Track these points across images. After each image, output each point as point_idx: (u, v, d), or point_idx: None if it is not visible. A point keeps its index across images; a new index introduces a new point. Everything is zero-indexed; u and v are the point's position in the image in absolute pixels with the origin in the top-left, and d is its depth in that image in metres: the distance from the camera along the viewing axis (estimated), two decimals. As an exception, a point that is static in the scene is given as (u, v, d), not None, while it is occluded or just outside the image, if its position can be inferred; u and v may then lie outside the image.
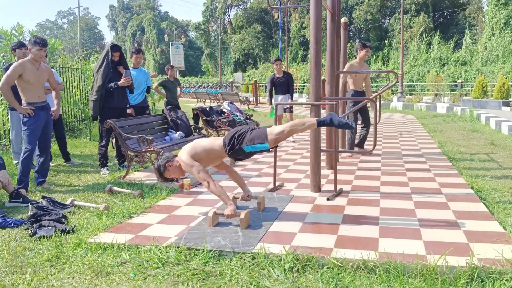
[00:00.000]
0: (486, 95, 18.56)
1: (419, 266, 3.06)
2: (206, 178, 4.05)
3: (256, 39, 47.33)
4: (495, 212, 4.32)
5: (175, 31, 52.76)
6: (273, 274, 3.14)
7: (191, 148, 4.17)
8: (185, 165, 4.12)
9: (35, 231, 3.77)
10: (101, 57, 6.06)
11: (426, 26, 36.32)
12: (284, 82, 9.50)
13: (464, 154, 7.77)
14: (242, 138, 4.04)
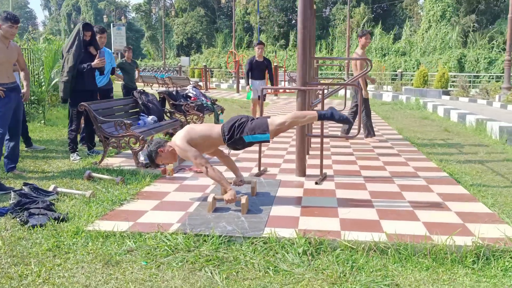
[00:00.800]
0: (427, 84, 19.47)
1: (429, 246, 3.19)
2: (204, 164, 3.97)
3: (199, 23, 46.62)
4: (474, 194, 4.57)
5: (114, 12, 50.84)
6: (288, 258, 3.15)
7: (186, 133, 4.06)
8: (180, 151, 4.01)
9: (26, 219, 3.54)
10: (71, 36, 5.72)
11: (366, 17, 37.38)
12: (262, 67, 9.30)
13: (423, 140, 8.13)
14: (242, 128, 3.97)
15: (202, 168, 3.98)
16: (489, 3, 36.06)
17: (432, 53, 27.10)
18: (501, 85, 16.10)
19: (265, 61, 9.34)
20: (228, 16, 49.89)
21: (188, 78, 21.10)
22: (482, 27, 31.02)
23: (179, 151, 4.03)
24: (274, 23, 42.00)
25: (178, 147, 4.02)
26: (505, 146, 7.47)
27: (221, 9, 50.86)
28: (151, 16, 50.65)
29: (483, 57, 23.96)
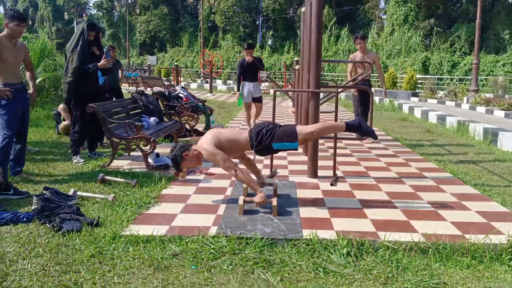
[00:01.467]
0: (396, 86, 20.01)
1: (467, 245, 3.32)
2: (233, 167, 3.97)
3: (163, 21, 46.03)
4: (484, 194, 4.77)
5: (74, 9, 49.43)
6: (334, 259, 3.21)
7: (213, 136, 4.04)
8: (208, 154, 3.98)
9: (59, 225, 3.44)
10: (75, 36, 5.56)
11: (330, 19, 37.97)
12: (254, 69, 8.94)
13: (410, 140, 8.38)
14: (271, 134, 3.98)
15: (231, 171, 3.97)
16: (446, 8, 37.40)
17: (397, 55, 27.84)
18: (469, 88, 16.76)
19: (256, 61, 8.90)
20: (192, 15, 49.51)
21: (160, 78, 20.78)
22: (440, 31, 32.09)
23: (206, 155, 4.01)
24: (239, 23, 42.02)
25: (206, 150, 3.99)
26: (490, 147, 7.80)
27: (185, 7, 50.42)
28: (113, 14, 49.58)
29: (447, 60, 24.83)
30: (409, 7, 30.60)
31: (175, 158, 4.11)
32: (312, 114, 5.07)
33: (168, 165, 5.30)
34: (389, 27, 31.34)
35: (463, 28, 29.83)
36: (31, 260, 3.01)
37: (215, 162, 4.04)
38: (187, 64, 36.77)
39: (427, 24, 32.13)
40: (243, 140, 4.07)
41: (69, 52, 5.49)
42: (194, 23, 46.19)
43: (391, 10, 31.55)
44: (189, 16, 48.97)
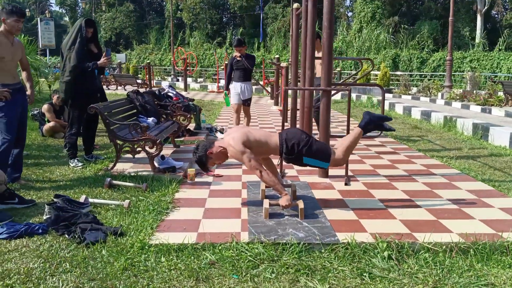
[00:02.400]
0: (367, 81, 20.18)
1: (506, 244, 3.28)
2: (258, 167, 3.81)
3: (128, 18, 45.04)
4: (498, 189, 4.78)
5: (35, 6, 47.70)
6: (376, 263, 3.10)
7: (242, 134, 3.85)
8: (235, 151, 3.80)
9: (82, 236, 3.20)
10: (71, 33, 5.24)
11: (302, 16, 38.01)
12: (245, 67, 7.75)
13: (401, 137, 8.42)
14: (304, 146, 3.83)
15: (256, 172, 3.81)
16: (409, 5, 38.17)
17: (367, 52, 28.19)
18: (443, 83, 17.10)
19: (245, 59, 7.78)
20: (158, 12, 48.66)
21: (134, 76, 20.27)
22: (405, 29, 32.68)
23: (232, 152, 3.82)
24: (207, 20, 41.59)
25: (233, 147, 3.80)
26: (481, 142, 7.92)
27: (151, 4, 49.53)
28: (76, 11, 48.12)
29: (416, 57, 25.33)
30: (376, 4, 31.07)
31: (200, 159, 3.93)
32: (324, 113, 4.96)
33: (175, 167, 5.08)
34: (357, 24, 31.72)
35: (426, 25, 30.51)
36: (61, 277, 2.76)
37: (240, 160, 3.86)
38: (155, 62, 36.11)
39: (392, 21, 32.66)
40: (272, 144, 3.91)
41: (66, 50, 5.17)
42: (160, 20, 45.40)
43: (358, 7, 31.93)
44: (155, 13, 48.13)
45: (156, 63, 35.93)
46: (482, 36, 26.97)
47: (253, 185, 4.79)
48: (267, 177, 3.82)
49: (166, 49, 39.02)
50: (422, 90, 17.86)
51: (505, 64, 22.34)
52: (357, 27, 31.57)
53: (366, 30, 29.54)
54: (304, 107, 6.11)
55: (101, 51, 5.57)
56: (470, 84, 16.55)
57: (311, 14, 5.75)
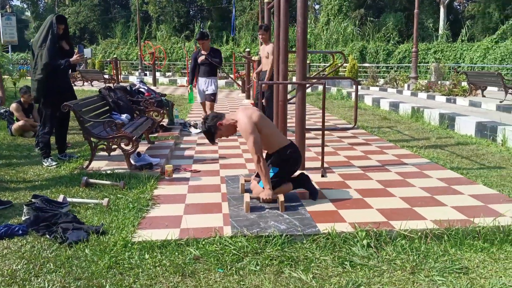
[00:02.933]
0: (338, 75, 20.45)
1: (478, 229, 3.44)
2: (258, 153, 3.83)
3: (93, 12, 44.09)
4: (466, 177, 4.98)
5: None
6: (356, 251, 3.21)
7: (258, 117, 3.90)
8: (245, 128, 3.82)
9: (64, 236, 3.18)
10: (42, 30, 5.12)
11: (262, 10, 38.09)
12: (210, 61, 7.55)
13: (372, 128, 8.60)
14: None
15: (255, 156, 3.82)
16: (375, -2, 38.78)
17: (335, 45, 28.50)
18: (409, 75, 17.49)
19: (209, 55, 7.50)
20: (123, 6, 47.79)
21: (101, 72, 19.90)
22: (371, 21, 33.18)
23: (242, 127, 3.84)
24: (174, 13, 41.12)
25: (244, 124, 3.82)
26: (448, 131, 8.18)
27: (116, -3, 48.57)
28: (38, 5, 46.78)
29: (382, 49, 25.79)
30: (342, -3, 31.42)
31: (209, 129, 3.94)
32: (300, 107, 5.03)
33: (152, 164, 5.07)
34: (324, 17, 32.02)
35: (391, 17, 31.08)
36: (46, 277, 2.75)
37: (245, 138, 3.85)
38: (122, 56, 35.52)
39: (358, 14, 33.11)
40: (275, 144, 4.02)
41: (37, 48, 5.06)
42: (126, 14, 44.62)
43: (325, 0, 32.21)
44: (120, 7, 47.26)
45: (123, 58, 35.37)
46: (445, 28, 27.66)
47: (232, 179, 4.83)
48: (263, 165, 3.84)
49: (132, 43, 38.42)
50: (389, 81, 18.23)
51: (467, 55, 23.01)
52: (325, 20, 31.88)
53: (333, 23, 29.87)
54: (279, 101, 6.17)
55: (73, 48, 5.48)
56: (435, 75, 16.99)
57: (283, 9, 5.81)
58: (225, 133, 4.00)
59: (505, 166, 5.54)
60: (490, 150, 6.53)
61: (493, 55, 21.52)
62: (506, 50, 20.98)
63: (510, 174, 5.17)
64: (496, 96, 12.73)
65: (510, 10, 27.78)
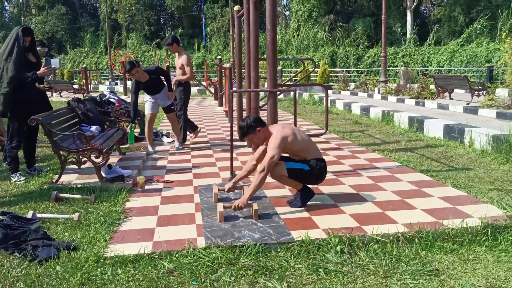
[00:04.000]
0: (309, 80, 20.67)
1: (447, 230, 3.51)
2: (269, 170, 3.88)
3: (60, 21, 43.39)
4: (436, 179, 5.08)
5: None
6: (329, 258, 3.23)
7: (292, 138, 3.98)
8: (273, 144, 3.87)
9: (33, 253, 3.10)
10: (8, 42, 5.00)
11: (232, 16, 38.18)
12: (154, 81, 6.62)
13: (344, 132, 8.71)
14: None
15: (265, 170, 3.84)
16: (343, 3, 39.36)
17: (306, 50, 28.78)
18: (379, 79, 17.79)
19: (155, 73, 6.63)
20: (91, 14, 47.21)
21: (70, 82, 19.57)
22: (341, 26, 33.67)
23: (272, 142, 3.89)
24: (144, 21, 40.83)
25: (275, 139, 3.89)
26: (418, 134, 8.34)
27: (83, 6, 47.97)
28: (3, 15, 45.83)
29: (352, 54, 26.18)
30: (312, 3, 31.75)
31: (246, 126, 3.98)
32: (271, 113, 5.07)
33: (123, 176, 5.01)
34: (295, 23, 32.31)
35: (360, 23, 31.60)
36: (15, 297, 2.68)
37: (269, 150, 3.89)
38: (91, 65, 35.04)
39: (328, 20, 33.55)
40: (312, 154, 4.12)
41: (2, 61, 4.94)
42: (95, 23, 44.09)
43: (295, 6, 32.52)
44: (89, 15, 46.69)
45: (92, 67, 34.88)
46: (412, 32, 28.26)
47: (205, 189, 4.82)
48: (262, 179, 3.86)
49: (102, 52, 37.97)
50: (360, 85, 18.50)
51: (435, 58, 23.56)
52: (295, 26, 32.17)
53: (304, 29, 30.17)
54: (251, 108, 6.20)
55: (40, 60, 5.38)
56: (404, 78, 17.33)
57: (253, 17, 5.85)
58: (256, 140, 4.05)
59: (473, 168, 5.69)
60: (458, 152, 6.69)
61: (459, 58, 22.09)
62: (471, 53, 21.57)
63: (478, 175, 5.31)
64: (463, 98, 13.07)
65: (474, 14, 28.58)
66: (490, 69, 16.64)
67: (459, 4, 28.76)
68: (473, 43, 22.50)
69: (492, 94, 11.51)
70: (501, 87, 14.63)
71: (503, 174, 5.33)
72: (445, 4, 32.45)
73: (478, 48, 21.50)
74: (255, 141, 4.10)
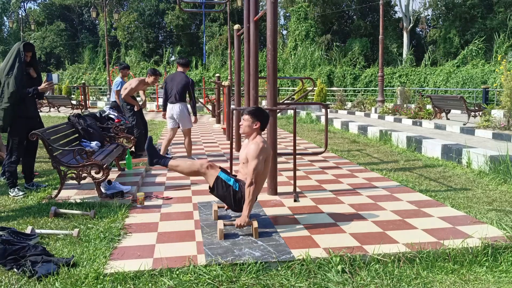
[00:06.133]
0: (307, 99, 20.79)
1: (449, 250, 3.51)
2: (256, 181, 3.88)
3: (59, 37, 43.65)
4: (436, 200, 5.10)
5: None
6: (330, 277, 3.22)
7: (268, 157, 4.04)
8: (259, 150, 3.90)
9: (33, 269, 3.08)
10: (9, 57, 5.03)
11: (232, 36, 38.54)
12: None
13: (342, 151, 8.74)
14: None
15: (250, 178, 3.84)
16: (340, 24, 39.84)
17: (303, 69, 29.02)
18: (376, 98, 17.91)
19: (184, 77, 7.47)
20: (90, 31, 47.53)
21: (69, 98, 19.60)
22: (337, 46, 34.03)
23: (259, 148, 3.91)
24: (142, 39, 41.13)
25: (262, 147, 3.93)
26: (416, 154, 8.38)
27: (83, 23, 48.31)
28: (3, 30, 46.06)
29: (349, 73, 26.39)
30: (309, 23, 32.15)
31: (258, 111, 4.12)
32: (271, 132, 5.08)
33: (123, 192, 4.99)
34: (292, 42, 32.64)
35: (356, 42, 31.97)
36: (14, 314, 2.65)
37: (252, 158, 3.87)
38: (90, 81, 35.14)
39: (325, 39, 33.93)
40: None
41: (3, 76, 4.96)
42: (93, 39, 44.38)
43: (293, 26, 32.91)
44: (88, 32, 46.99)
45: (91, 83, 34.98)
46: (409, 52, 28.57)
47: (204, 206, 4.81)
48: (253, 191, 3.84)
49: (101, 68, 38.13)
50: (357, 105, 18.61)
51: (431, 79, 23.77)
52: (292, 45, 32.50)
53: (301, 48, 30.46)
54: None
55: (40, 75, 5.41)
56: (401, 98, 17.46)
57: (253, 35, 5.91)
58: (247, 127, 4.07)
59: (471, 188, 5.71)
60: (456, 172, 6.71)
61: (455, 79, 22.31)
62: (467, 74, 21.80)
63: (476, 195, 5.32)
64: (460, 118, 13.17)
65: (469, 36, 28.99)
66: (485, 90, 16.81)
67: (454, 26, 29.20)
68: (469, 64, 22.77)
69: (488, 115, 11.61)
70: (496, 108, 14.75)
71: (501, 195, 5.35)
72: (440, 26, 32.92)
73: (474, 70, 21.74)
74: (245, 126, 4.09)
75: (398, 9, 33.73)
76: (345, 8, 39.20)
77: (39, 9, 46.99)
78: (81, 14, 47.88)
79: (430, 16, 36.72)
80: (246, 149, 4.02)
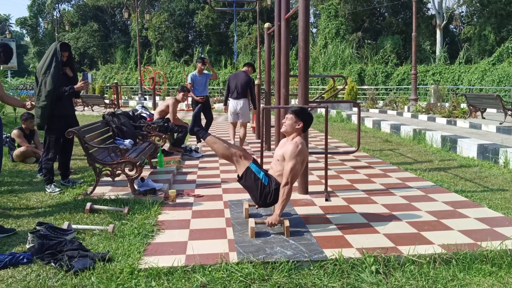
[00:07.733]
0: (337, 98, 20.59)
1: (487, 252, 3.41)
2: (292, 182, 3.86)
3: (92, 38, 44.61)
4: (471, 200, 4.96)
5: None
6: (364, 278, 3.17)
7: (306, 159, 4.09)
8: (299, 151, 3.88)
9: (70, 264, 3.15)
10: (46, 57, 5.17)
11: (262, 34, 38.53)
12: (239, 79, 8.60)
13: (373, 150, 8.61)
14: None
15: (286, 178, 3.81)
16: (371, 21, 39.30)
17: (333, 67, 28.78)
18: (409, 97, 17.60)
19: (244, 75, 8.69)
20: (122, 31, 48.38)
21: (102, 97, 20.01)
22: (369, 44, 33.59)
23: (298, 148, 3.89)
24: (173, 39, 41.58)
25: (302, 148, 3.93)
26: (450, 154, 8.19)
27: (115, 23, 49.23)
28: (38, 31, 47.36)
29: (381, 71, 26.02)
30: (340, 21, 31.84)
31: (302, 111, 4.10)
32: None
33: (155, 189, 5.05)
34: (322, 41, 32.39)
35: (388, 40, 31.46)
36: (52, 307, 2.72)
37: (291, 158, 3.84)
38: (121, 81, 35.79)
39: (355, 37, 33.54)
40: None
41: (41, 75, 5.10)
42: (125, 39, 45.16)
43: (323, 24, 32.65)
44: (120, 32, 47.85)
45: (123, 83, 35.61)
46: (442, 50, 27.96)
47: (235, 204, 4.82)
48: (287, 191, 3.82)
49: (132, 68, 38.78)
50: (389, 103, 18.33)
51: (466, 77, 23.20)
52: (322, 43, 32.25)
53: (331, 46, 30.20)
54: (280, 124, 6.20)
55: (76, 75, 5.53)
56: (435, 97, 17.10)
57: (284, 34, 5.89)
58: (289, 126, 4.06)
59: (508, 189, 5.54)
60: (492, 172, 6.53)
61: (491, 77, 21.70)
62: (503, 72, 21.18)
63: (515, 196, 5.16)
64: (496, 118, 12.81)
65: (505, 33, 28.16)
66: (523, 88, 16.29)
67: (490, 23, 28.39)
68: (505, 62, 22.10)
69: (526, 114, 11.24)
70: (535, 107, 14.27)
71: (541, 196, 5.17)
72: (475, 23, 32.07)
73: (510, 68, 21.10)
74: (288, 124, 4.07)
75: (431, 6, 32.96)
76: (377, 5, 38.66)
77: (73, 10, 48.09)
78: (114, 15, 48.77)
79: (464, 13, 35.85)
80: (284, 147, 4.00)
